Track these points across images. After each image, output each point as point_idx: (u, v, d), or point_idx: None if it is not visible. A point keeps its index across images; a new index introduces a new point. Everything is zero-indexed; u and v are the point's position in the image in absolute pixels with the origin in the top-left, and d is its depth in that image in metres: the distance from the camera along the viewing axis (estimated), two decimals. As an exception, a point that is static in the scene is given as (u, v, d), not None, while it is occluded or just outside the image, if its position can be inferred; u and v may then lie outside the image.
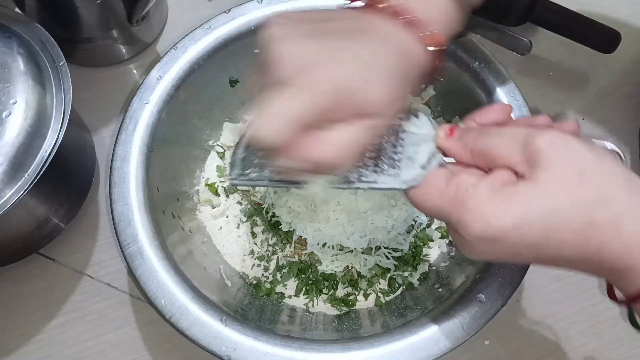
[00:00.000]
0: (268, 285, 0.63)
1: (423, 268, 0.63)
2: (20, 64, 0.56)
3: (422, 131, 0.46)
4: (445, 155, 0.44)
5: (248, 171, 0.47)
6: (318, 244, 0.63)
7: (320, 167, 0.40)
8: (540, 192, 0.37)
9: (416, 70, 0.43)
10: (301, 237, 0.63)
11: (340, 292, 0.63)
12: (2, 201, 0.52)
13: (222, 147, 0.68)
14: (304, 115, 0.38)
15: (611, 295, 0.43)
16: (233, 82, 0.67)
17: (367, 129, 0.40)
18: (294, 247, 0.64)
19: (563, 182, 0.37)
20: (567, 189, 0.37)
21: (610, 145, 0.43)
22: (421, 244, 0.64)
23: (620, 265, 0.37)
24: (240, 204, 0.66)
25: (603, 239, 0.37)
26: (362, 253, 0.63)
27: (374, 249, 0.63)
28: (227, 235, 0.65)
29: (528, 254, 0.39)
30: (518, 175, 0.39)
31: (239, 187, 0.66)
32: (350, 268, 0.64)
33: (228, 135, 0.68)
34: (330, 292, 0.63)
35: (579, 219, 0.37)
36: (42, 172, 0.53)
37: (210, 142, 0.68)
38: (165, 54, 0.61)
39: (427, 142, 0.44)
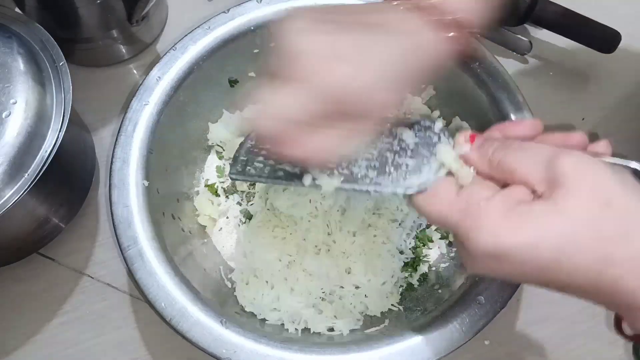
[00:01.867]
0: (268, 286, 0.63)
1: (423, 269, 0.63)
2: (20, 64, 0.56)
3: (434, 139, 0.45)
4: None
5: (248, 168, 0.47)
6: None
7: (306, 163, 0.42)
8: (558, 215, 0.35)
9: (430, 64, 0.42)
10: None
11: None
12: (2, 201, 0.52)
13: (221, 147, 0.68)
14: (301, 114, 0.38)
15: (619, 329, 0.41)
16: (233, 82, 0.67)
17: (359, 133, 0.40)
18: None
19: (584, 209, 0.35)
20: (587, 217, 0.35)
21: (634, 164, 0.40)
22: (421, 244, 0.64)
23: (633, 302, 0.35)
24: (240, 204, 0.66)
25: (619, 274, 0.35)
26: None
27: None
28: (227, 236, 0.65)
29: (536, 277, 0.37)
30: (535, 194, 0.37)
31: (239, 189, 0.66)
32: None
33: (220, 130, 0.67)
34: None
35: (596, 250, 0.35)
36: (42, 172, 0.53)
37: (210, 143, 0.68)
38: (165, 54, 0.61)
39: (439, 152, 0.44)
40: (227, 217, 0.66)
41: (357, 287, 0.60)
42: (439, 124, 0.46)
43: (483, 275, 0.52)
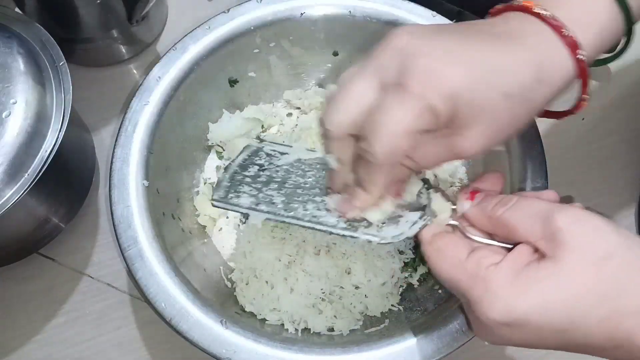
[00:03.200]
0: (268, 286, 0.63)
1: (423, 269, 0.63)
2: (20, 64, 0.56)
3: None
4: None
5: (230, 195, 0.47)
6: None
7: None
8: (564, 274, 0.35)
9: (553, 86, 0.39)
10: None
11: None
12: (2, 201, 0.52)
13: (221, 147, 0.68)
14: (416, 127, 0.35)
15: None
16: (233, 82, 0.67)
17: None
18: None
19: (587, 265, 0.35)
20: (591, 272, 0.35)
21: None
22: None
23: None
24: (240, 204, 0.66)
25: (631, 325, 0.35)
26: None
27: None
28: (227, 236, 0.65)
29: (554, 340, 0.37)
30: (539, 252, 0.38)
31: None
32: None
33: (220, 130, 0.67)
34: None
35: (603, 304, 0.35)
36: (42, 172, 0.53)
37: (210, 143, 0.68)
38: (165, 54, 0.61)
39: (434, 203, 0.44)
40: (227, 217, 0.65)
41: (357, 287, 0.60)
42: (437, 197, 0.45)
43: (496, 344, 0.49)
